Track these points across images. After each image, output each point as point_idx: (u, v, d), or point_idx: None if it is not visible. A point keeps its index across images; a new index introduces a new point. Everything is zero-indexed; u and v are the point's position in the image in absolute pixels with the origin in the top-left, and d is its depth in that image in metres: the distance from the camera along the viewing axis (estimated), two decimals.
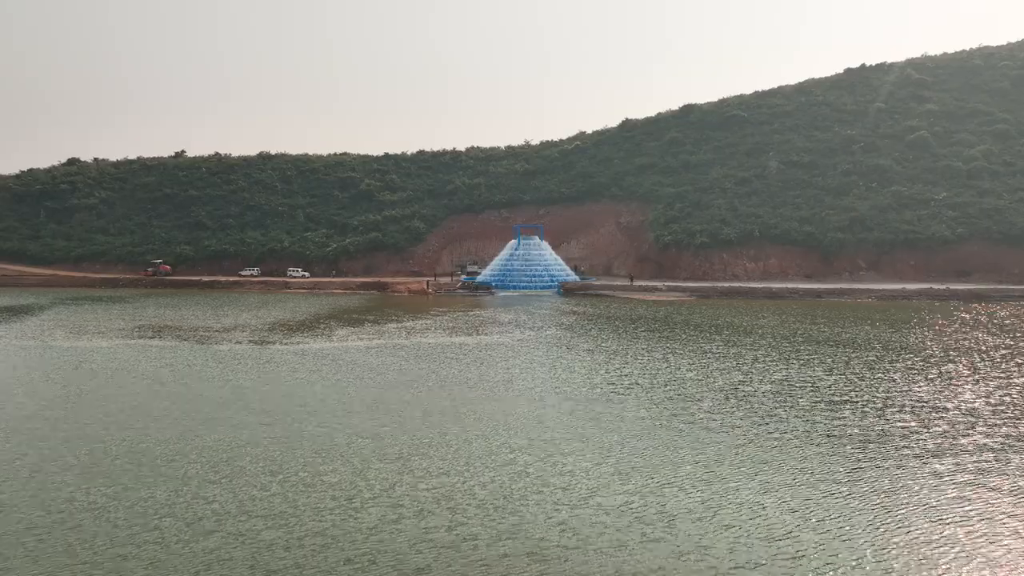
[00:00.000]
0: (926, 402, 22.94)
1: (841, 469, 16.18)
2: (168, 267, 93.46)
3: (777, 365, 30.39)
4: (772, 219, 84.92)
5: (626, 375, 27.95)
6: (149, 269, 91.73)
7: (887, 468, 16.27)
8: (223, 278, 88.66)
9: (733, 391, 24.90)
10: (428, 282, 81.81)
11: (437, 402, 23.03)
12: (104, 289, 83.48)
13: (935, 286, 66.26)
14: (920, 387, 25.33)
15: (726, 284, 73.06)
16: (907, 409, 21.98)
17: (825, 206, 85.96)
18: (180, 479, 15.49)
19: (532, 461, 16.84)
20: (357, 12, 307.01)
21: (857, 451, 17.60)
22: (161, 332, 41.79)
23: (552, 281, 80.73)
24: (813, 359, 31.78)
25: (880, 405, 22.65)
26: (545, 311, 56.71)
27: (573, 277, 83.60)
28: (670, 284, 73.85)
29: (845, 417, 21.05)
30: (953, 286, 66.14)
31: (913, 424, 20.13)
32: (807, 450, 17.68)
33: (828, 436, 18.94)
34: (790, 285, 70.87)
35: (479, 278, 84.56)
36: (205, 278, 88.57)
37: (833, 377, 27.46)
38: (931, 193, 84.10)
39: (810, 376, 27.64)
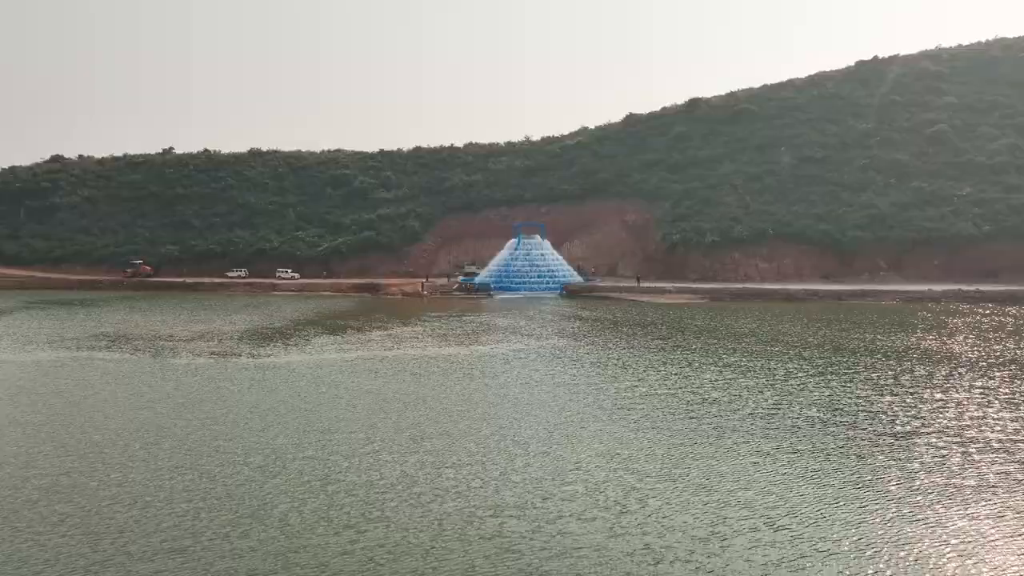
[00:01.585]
0: (1017, 436, 18.53)
1: (951, 551, 11.79)
2: (149, 267, 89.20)
3: (815, 381, 26.05)
4: (786, 217, 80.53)
5: (641, 397, 23.60)
6: (129, 270, 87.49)
7: (1014, 540, 11.89)
8: (207, 279, 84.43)
9: (771, 418, 20.55)
10: (423, 284, 77.53)
11: (410, 437, 18.69)
12: (82, 291, 79.31)
13: (964, 287, 61.86)
14: (1000, 414, 20.92)
15: (739, 285, 68.70)
16: (997, 446, 17.57)
17: (842, 203, 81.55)
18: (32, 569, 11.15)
19: (525, 532, 12.50)
20: (353, 3, 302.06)
21: (960, 516, 13.22)
22: (118, 342, 37.51)
23: (554, 282, 76.43)
24: (855, 374, 27.44)
25: (958, 438, 18.28)
26: (547, 316, 52.42)
27: (576, 278, 79.30)
28: (679, 285, 69.52)
29: (922, 459, 16.67)
30: (983, 287, 61.73)
31: (1016, 471, 15.74)
32: (890, 511, 13.31)
33: (913, 490, 14.55)
34: (808, 286, 66.51)
35: (477, 279, 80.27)
36: (189, 279, 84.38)
37: (887, 398, 23.11)
38: (954, 189, 79.63)
39: (859, 397, 23.28)
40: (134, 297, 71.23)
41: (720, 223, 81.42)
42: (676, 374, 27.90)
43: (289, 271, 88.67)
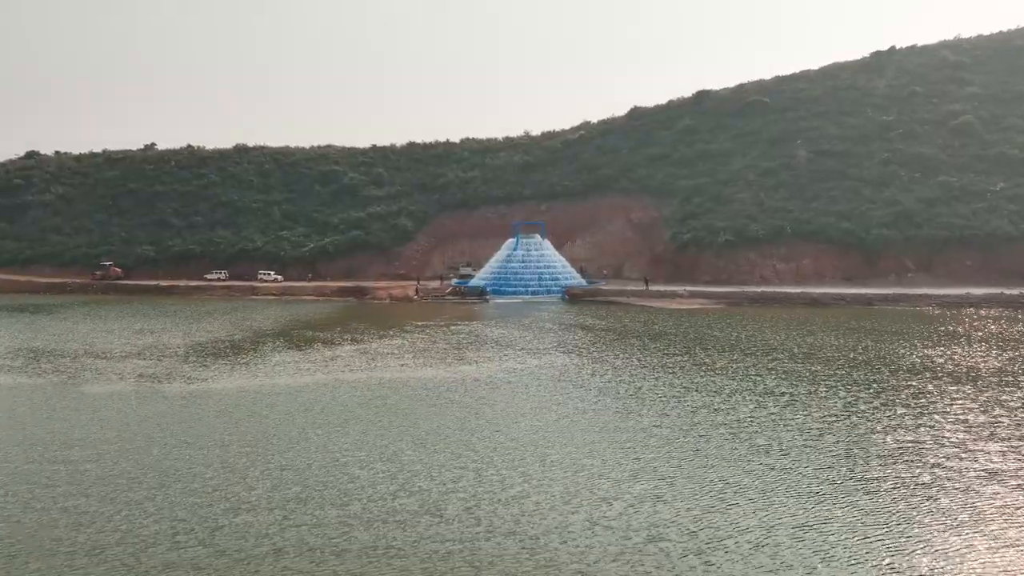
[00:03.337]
0: None
1: None
2: (119, 270, 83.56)
3: (885, 418, 20.35)
4: (804, 214, 74.66)
5: (665, 443, 17.90)
6: (97, 272, 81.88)
7: None
8: (184, 283, 78.82)
9: (851, 481, 14.84)
10: (417, 288, 71.72)
11: (338, 525, 13.00)
12: (47, 296, 73.96)
13: (1007, 291, 56.05)
14: None
15: (757, 289, 62.89)
16: None
17: (864, 199, 75.65)
18: None
19: None
20: None
21: None
22: (38, 359, 31.90)
23: (555, 285, 70.74)
24: (930, 405, 21.75)
25: None
26: (547, 324, 46.72)
27: (580, 281, 73.56)
28: (692, 289, 63.74)
29: None
30: None
31: None
32: None
33: None
34: (832, 290, 60.73)
35: (472, 282, 74.61)
36: (163, 283, 78.75)
37: (992, 445, 17.42)
38: (986, 184, 73.76)
39: (955, 444, 17.55)
40: (99, 302, 65.62)
41: (734, 221, 75.60)
42: (705, 406, 22.22)
43: (272, 273, 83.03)
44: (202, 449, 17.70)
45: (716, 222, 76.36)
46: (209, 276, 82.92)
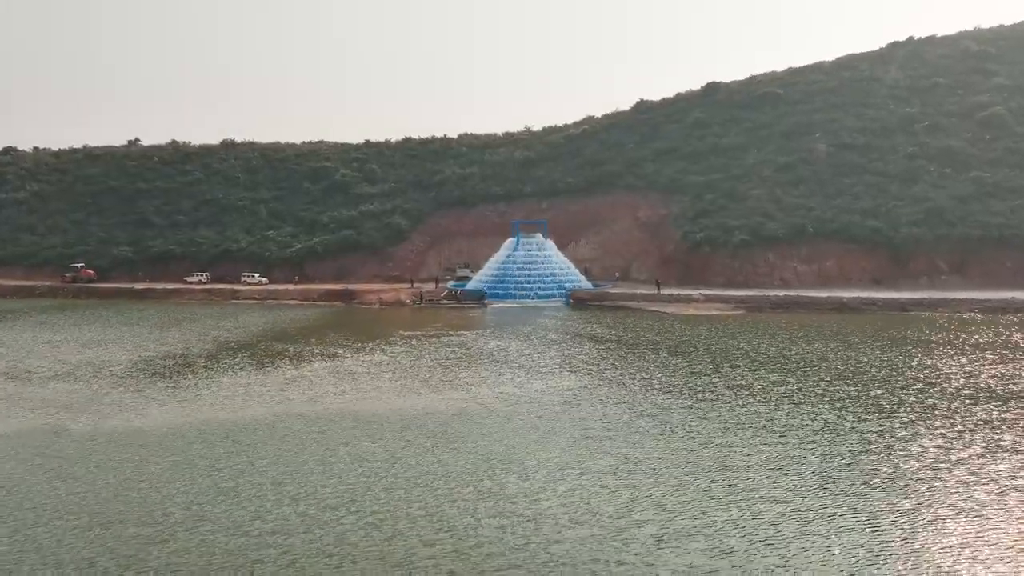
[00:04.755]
0: None
1: None
2: (91, 272, 78.40)
3: (999, 467, 15.29)
4: (826, 212, 69.35)
5: (714, 520, 12.69)
6: (68, 275, 76.80)
7: None
8: (161, 286, 73.74)
9: None
10: (421, 293, 66.30)
11: None
12: (13, 300, 68.81)
13: None
14: None
15: (779, 292, 57.54)
16: None
17: (890, 196, 70.35)
18: None
19: None
20: None
21: None
22: None
23: (558, 288, 65.52)
24: None
25: None
26: (550, 334, 41.50)
27: (584, 283, 68.37)
28: (707, 292, 58.50)
29: None
30: None
31: None
32: None
33: None
34: (861, 294, 55.49)
35: (469, 284, 69.44)
36: (138, 286, 73.65)
37: None
38: (1021, 179, 68.52)
39: None
40: (63, 307, 60.47)
41: (749, 219, 70.27)
42: (754, 451, 17.05)
43: (256, 275, 77.85)
44: (58, 532, 12.55)
45: (730, 220, 71.10)
46: (189, 279, 77.75)
